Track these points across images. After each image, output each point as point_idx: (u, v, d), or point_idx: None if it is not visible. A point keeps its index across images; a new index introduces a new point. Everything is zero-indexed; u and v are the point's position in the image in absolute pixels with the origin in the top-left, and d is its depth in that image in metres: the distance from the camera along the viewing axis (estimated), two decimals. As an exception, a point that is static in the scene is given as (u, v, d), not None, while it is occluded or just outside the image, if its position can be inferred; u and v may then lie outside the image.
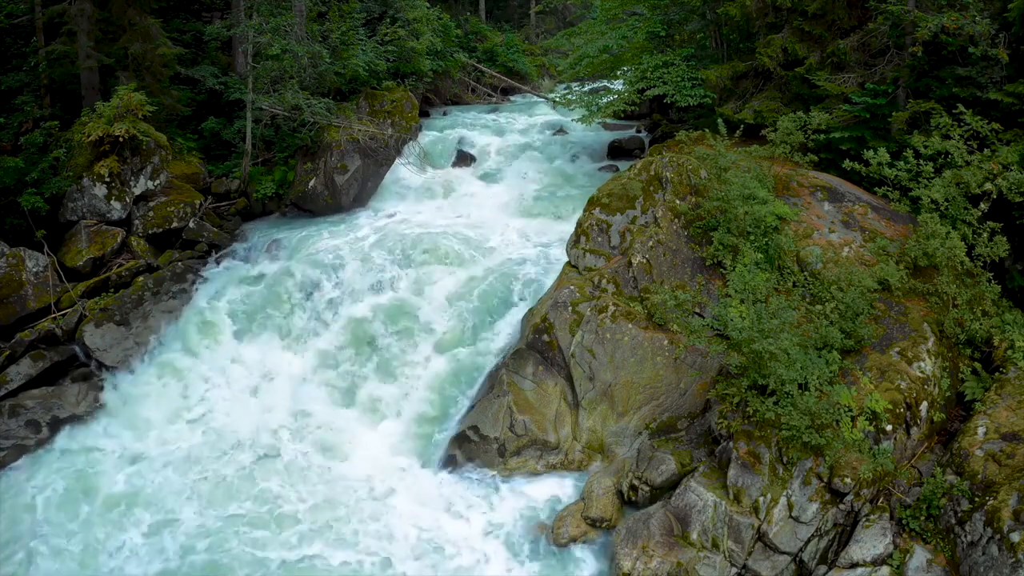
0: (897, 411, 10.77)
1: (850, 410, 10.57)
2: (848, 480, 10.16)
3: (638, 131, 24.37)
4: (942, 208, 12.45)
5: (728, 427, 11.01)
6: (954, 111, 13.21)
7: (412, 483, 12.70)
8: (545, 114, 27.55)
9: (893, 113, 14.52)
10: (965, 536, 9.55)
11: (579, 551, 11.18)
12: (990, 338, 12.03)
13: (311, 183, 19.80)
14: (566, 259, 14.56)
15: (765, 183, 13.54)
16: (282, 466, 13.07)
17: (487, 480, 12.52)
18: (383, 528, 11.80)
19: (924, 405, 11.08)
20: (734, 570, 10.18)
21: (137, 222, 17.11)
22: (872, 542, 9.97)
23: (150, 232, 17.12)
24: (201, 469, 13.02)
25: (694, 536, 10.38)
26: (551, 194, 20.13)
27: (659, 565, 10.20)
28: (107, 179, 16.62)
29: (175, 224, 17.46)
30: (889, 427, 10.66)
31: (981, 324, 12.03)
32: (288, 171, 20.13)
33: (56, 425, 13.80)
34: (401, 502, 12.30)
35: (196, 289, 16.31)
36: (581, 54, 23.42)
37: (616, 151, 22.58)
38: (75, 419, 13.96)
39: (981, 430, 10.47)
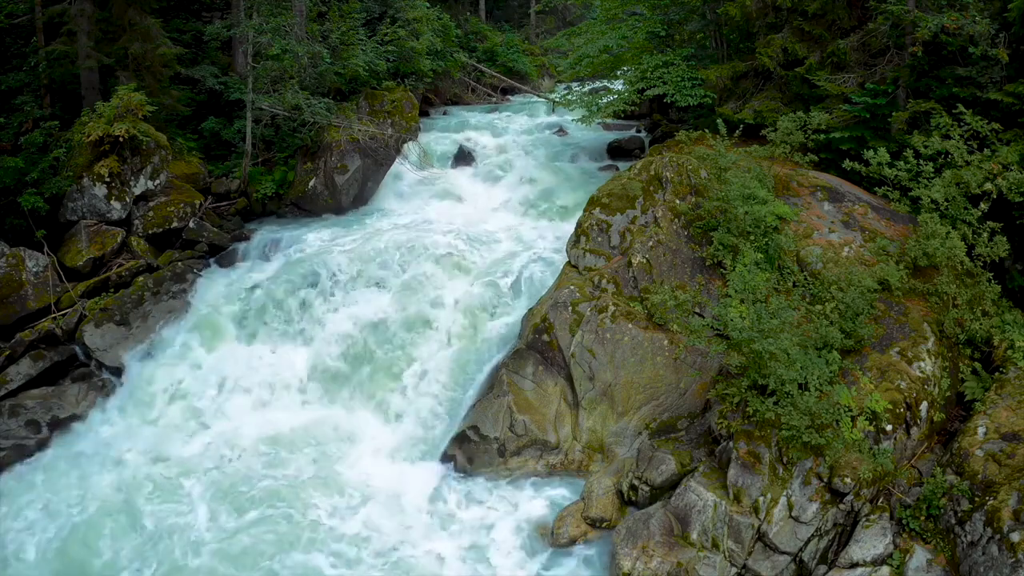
0: (897, 411, 10.77)
1: (850, 410, 10.57)
2: (848, 480, 10.16)
3: (638, 131, 24.37)
4: (942, 208, 12.44)
5: (728, 427, 11.01)
6: (954, 111, 13.20)
7: (410, 484, 12.67)
8: (545, 114, 27.55)
9: (893, 113, 14.52)
10: (965, 536, 9.56)
11: (579, 551, 11.16)
12: (990, 338, 12.04)
13: (311, 183, 19.80)
14: (566, 259, 14.55)
15: (765, 183, 13.54)
16: (282, 469, 13.06)
17: (486, 480, 12.52)
18: (380, 529, 11.78)
19: (924, 405, 11.08)
20: (734, 570, 10.18)
21: (137, 222, 17.10)
22: (872, 542, 9.98)
23: (150, 232, 17.11)
24: (200, 472, 12.98)
25: (694, 536, 10.38)
26: (551, 194, 20.09)
27: (659, 565, 10.19)
28: (107, 179, 16.60)
29: (175, 224, 17.45)
30: (889, 427, 10.66)
31: (981, 324, 12.03)
32: (288, 171, 20.12)
33: (56, 425, 13.75)
34: (400, 502, 12.28)
35: (196, 289, 16.26)
36: (581, 54, 23.41)
37: (616, 151, 22.57)
38: (75, 419, 13.94)
39: (981, 430, 10.48)
